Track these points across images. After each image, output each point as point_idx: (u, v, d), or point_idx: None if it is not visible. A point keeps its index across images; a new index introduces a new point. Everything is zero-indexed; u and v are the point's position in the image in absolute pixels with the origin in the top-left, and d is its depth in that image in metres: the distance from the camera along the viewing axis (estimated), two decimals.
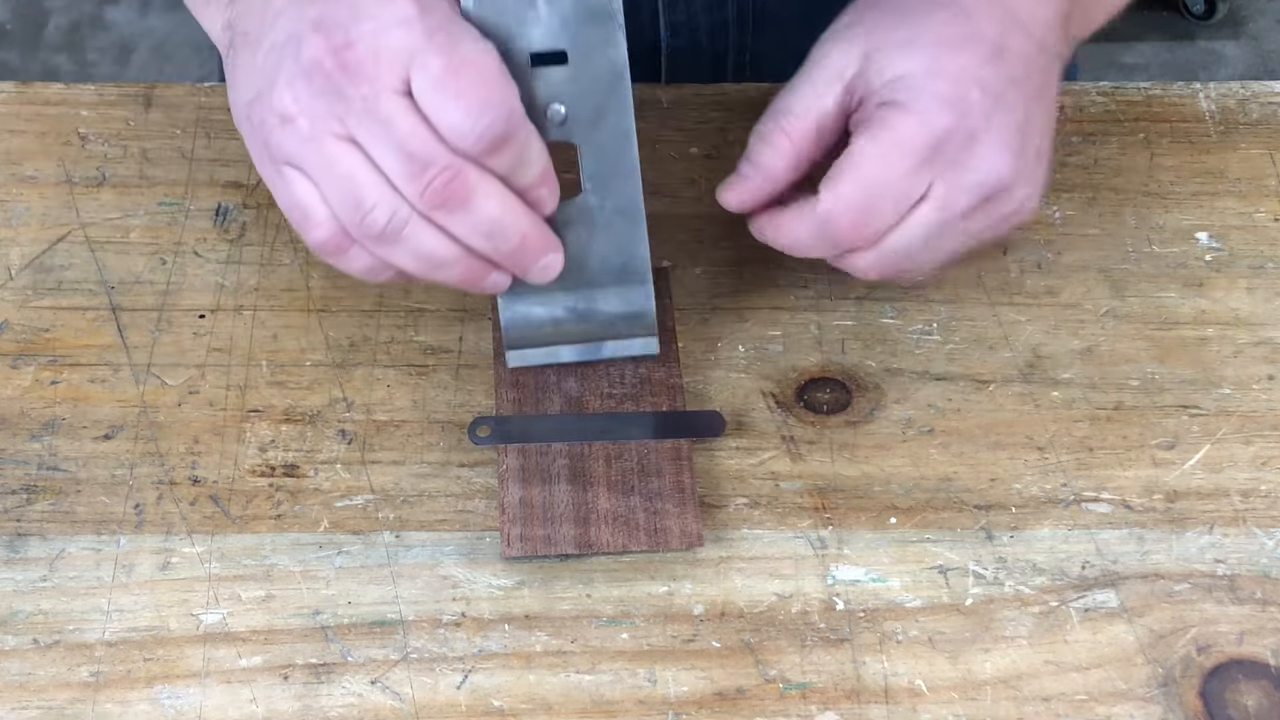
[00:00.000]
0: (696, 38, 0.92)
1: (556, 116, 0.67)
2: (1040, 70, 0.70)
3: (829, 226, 0.68)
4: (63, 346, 0.75)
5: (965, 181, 0.68)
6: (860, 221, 0.68)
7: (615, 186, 0.69)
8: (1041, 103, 0.70)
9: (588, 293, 0.71)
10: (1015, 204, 0.69)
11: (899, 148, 0.68)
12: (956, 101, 0.68)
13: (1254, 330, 0.76)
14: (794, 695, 0.65)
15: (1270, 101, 0.85)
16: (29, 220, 0.79)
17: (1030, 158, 0.69)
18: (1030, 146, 0.69)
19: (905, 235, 0.68)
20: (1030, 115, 0.69)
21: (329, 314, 0.76)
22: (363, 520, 0.70)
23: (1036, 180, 0.70)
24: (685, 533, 0.69)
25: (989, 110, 0.68)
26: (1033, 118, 0.69)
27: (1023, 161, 0.69)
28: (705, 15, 0.91)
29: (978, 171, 0.68)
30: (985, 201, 0.68)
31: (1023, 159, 0.69)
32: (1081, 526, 0.70)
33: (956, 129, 0.68)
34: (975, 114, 0.68)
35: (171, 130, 0.82)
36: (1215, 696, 0.65)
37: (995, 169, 0.68)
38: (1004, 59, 0.69)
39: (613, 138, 0.68)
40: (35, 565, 0.68)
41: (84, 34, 2.24)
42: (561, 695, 0.65)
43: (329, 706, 0.65)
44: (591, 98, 0.67)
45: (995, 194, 0.68)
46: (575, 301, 0.72)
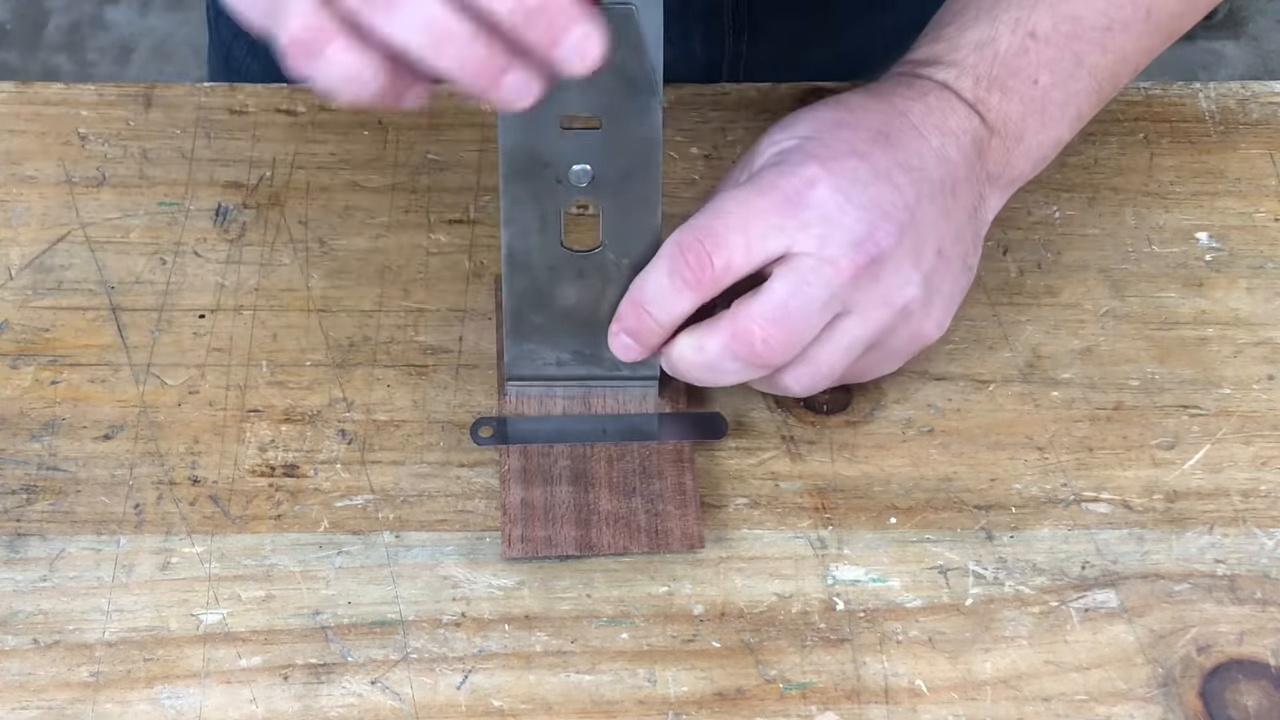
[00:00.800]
0: (690, 46, 0.91)
1: (583, 177, 0.66)
2: (944, 170, 0.69)
3: (674, 256, 0.66)
4: (63, 346, 0.75)
5: (837, 236, 0.66)
6: (706, 249, 0.66)
7: (633, 245, 0.68)
8: (944, 202, 0.68)
9: (594, 337, 0.71)
10: (908, 300, 0.67)
11: (759, 189, 0.67)
12: (829, 161, 0.67)
13: (1254, 330, 0.76)
14: (794, 695, 0.65)
15: (1270, 101, 0.85)
16: (29, 220, 0.79)
17: (923, 252, 0.67)
18: (922, 238, 0.67)
19: (783, 289, 0.66)
20: (924, 207, 0.68)
21: (329, 314, 0.76)
22: (363, 520, 0.70)
23: (939, 285, 0.68)
24: (686, 534, 0.69)
25: (869, 179, 0.67)
26: (928, 212, 0.68)
27: (909, 246, 0.67)
28: (700, 25, 0.91)
29: (852, 229, 0.66)
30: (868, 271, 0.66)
31: (907, 242, 0.67)
32: (1081, 526, 0.70)
33: (822, 182, 0.66)
34: (853, 178, 0.67)
35: (171, 130, 0.82)
36: (1215, 696, 0.65)
37: (873, 234, 0.66)
38: (891, 144, 0.68)
39: (637, 202, 0.67)
40: (35, 565, 0.68)
41: (84, 34, 2.24)
42: (561, 695, 0.65)
43: (329, 707, 0.65)
44: (620, 163, 0.66)
45: (876, 264, 0.66)
46: (581, 345, 0.71)
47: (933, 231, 0.68)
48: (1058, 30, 0.71)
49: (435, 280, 0.77)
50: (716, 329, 0.67)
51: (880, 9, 0.95)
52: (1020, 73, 0.71)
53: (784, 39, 0.93)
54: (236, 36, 1.00)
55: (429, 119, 0.83)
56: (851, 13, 0.94)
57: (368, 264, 0.78)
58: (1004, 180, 0.72)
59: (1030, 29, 0.71)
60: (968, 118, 0.71)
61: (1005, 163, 0.72)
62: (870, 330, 0.67)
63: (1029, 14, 0.71)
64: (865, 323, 0.67)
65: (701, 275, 0.66)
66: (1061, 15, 0.71)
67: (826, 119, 0.69)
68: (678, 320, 0.68)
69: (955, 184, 0.69)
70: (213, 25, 1.05)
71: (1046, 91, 0.72)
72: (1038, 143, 0.72)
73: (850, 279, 0.66)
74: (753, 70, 0.93)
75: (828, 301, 0.66)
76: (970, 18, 0.72)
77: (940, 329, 0.70)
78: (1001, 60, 0.71)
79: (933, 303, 0.69)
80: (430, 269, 0.78)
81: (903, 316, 0.68)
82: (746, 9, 0.91)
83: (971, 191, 0.70)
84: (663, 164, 0.67)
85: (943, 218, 0.68)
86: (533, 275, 0.69)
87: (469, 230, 0.79)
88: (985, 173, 0.71)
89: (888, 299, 0.67)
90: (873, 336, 0.68)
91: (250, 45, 0.99)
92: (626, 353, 0.70)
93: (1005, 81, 0.71)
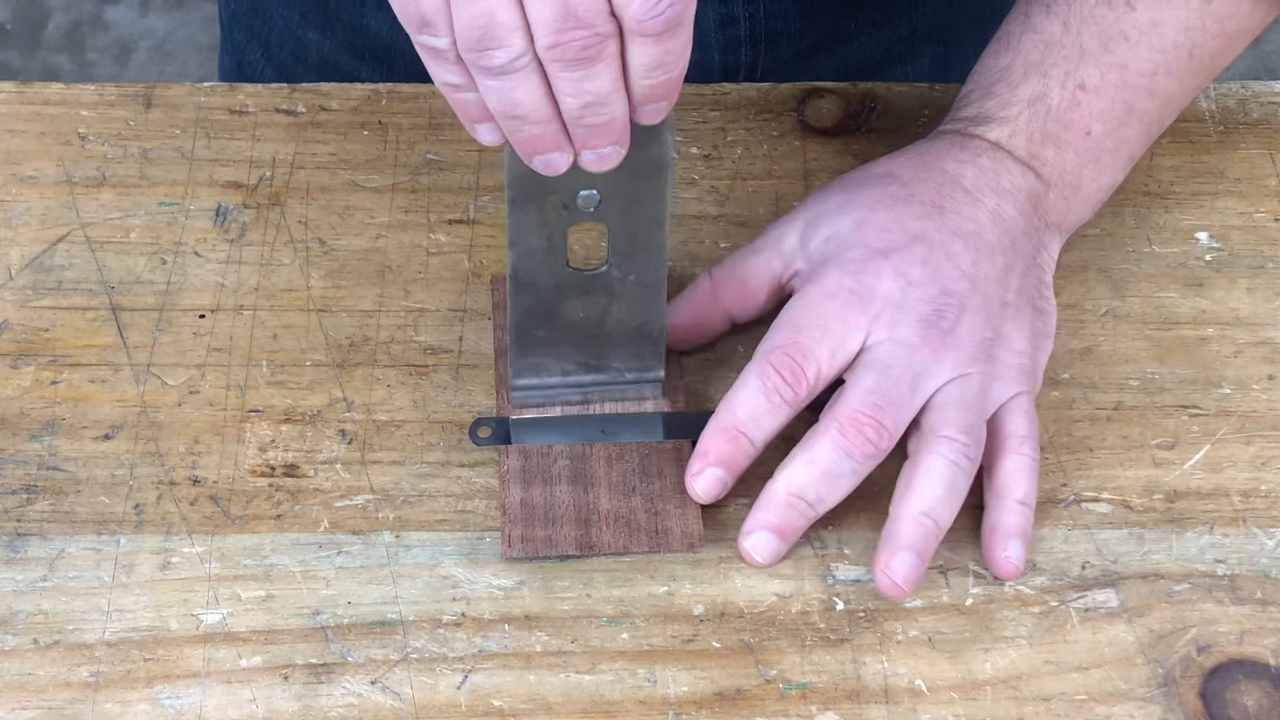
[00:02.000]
0: (708, 55, 0.92)
1: (589, 202, 0.66)
2: (1000, 230, 0.71)
3: (768, 373, 0.68)
4: (63, 346, 0.75)
5: (906, 319, 0.68)
6: (797, 364, 0.68)
7: (639, 263, 0.69)
8: (1004, 259, 0.70)
9: (600, 349, 0.71)
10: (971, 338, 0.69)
11: (828, 291, 0.69)
12: (887, 250, 0.69)
13: (1254, 330, 0.76)
14: (794, 695, 0.65)
15: (1270, 101, 0.85)
16: (29, 220, 0.79)
17: (990, 309, 0.69)
18: (988, 297, 0.69)
19: (869, 377, 0.68)
20: (983, 269, 0.69)
21: (329, 314, 0.76)
22: (363, 520, 0.70)
23: (1019, 334, 0.70)
24: (686, 534, 0.69)
25: (925, 257, 0.69)
26: (988, 273, 0.70)
27: (976, 307, 0.69)
28: (718, 33, 0.91)
29: (918, 308, 0.68)
30: (943, 343, 0.68)
31: (971, 306, 0.69)
32: (1081, 526, 0.70)
33: (884, 271, 0.69)
34: (911, 260, 0.69)
35: (171, 130, 0.82)
36: (1215, 696, 0.65)
37: (938, 310, 0.68)
38: (944, 214, 0.70)
39: (643, 223, 0.67)
40: (35, 565, 0.68)
41: (84, 34, 2.24)
42: (561, 695, 0.65)
43: (329, 707, 0.65)
44: (628, 187, 0.66)
45: (947, 335, 0.68)
46: (586, 357, 0.71)
47: (995, 289, 0.70)
48: (1106, 80, 0.73)
49: (435, 280, 0.77)
50: (819, 437, 0.68)
51: (896, 17, 0.95)
52: (1073, 126, 0.73)
53: (800, 47, 0.93)
54: (250, 41, 1.00)
55: (429, 119, 0.83)
56: (867, 21, 0.94)
57: (368, 264, 0.78)
58: (1065, 226, 0.75)
59: (1080, 81, 0.73)
60: (1021, 175, 0.73)
61: (1065, 210, 0.74)
62: (973, 385, 0.69)
63: (1077, 67, 0.73)
64: (965, 381, 0.69)
65: (798, 389, 0.68)
66: (1109, 65, 0.73)
67: (878, 196, 0.71)
68: (770, 438, 0.69)
69: (1014, 240, 0.71)
70: (226, 29, 1.04)
71: (1099, 141, 0.74)
72: (1095, 189, 0.75)
73: (929, 355, 0.68)
74: (769, 79, 0.93)
75: (914, 378, 0.68)
76: (1019, 74, 0.74)
77: (1036, 366, 0.71)
78: (1054, 115, 0.73)
79: (1009, 345, 0.70)
80: (430, 269, 0.78)
81: (989, 363, 0.69)
82: (763, 18, 0.91)
83: (1031, 243, 0.72)
84: (672, 184, 0.67)
85: (1004, 274, 0.71)
86: (538, 293, 0.69)
87: (469, 230, 0.79)
88: (1044, 223, 0.73)
89: (973, 356, 0.69)
90: (978, 389, 0.69)
91: (265, 50, 0.99)
92: (712, 486, 0.69)
93: (1059, 135, 0.73)
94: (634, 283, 0.69)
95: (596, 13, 0.58)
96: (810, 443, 0.68)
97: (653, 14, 0.58)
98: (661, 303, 0.70)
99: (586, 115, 0.61)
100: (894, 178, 0.72)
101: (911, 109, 0.84)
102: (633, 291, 0.69)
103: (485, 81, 0.60)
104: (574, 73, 0.59)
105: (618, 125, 0.62)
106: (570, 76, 0.60)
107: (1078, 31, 0.73)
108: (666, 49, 0.59)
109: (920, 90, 0.85)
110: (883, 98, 0.84)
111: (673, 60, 0.60)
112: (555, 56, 0.59)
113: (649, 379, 0.72)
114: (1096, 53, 0.73)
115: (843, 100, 0.84)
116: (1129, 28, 0.73)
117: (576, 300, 0.69)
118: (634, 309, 0.70)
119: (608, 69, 0.59)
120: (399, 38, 0.62)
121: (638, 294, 0.69)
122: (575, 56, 0.59)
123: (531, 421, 0.72)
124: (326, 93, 0.84)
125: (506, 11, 0.58)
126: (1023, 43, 0.75)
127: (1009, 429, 0.70)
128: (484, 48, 0.59)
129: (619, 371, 0.72)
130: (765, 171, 0.81)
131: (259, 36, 0.99)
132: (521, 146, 0.62)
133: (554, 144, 0.62)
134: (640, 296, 0.70)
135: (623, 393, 0.73)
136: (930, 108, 0.83)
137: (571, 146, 0.62)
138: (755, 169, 0.82)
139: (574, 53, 0.58)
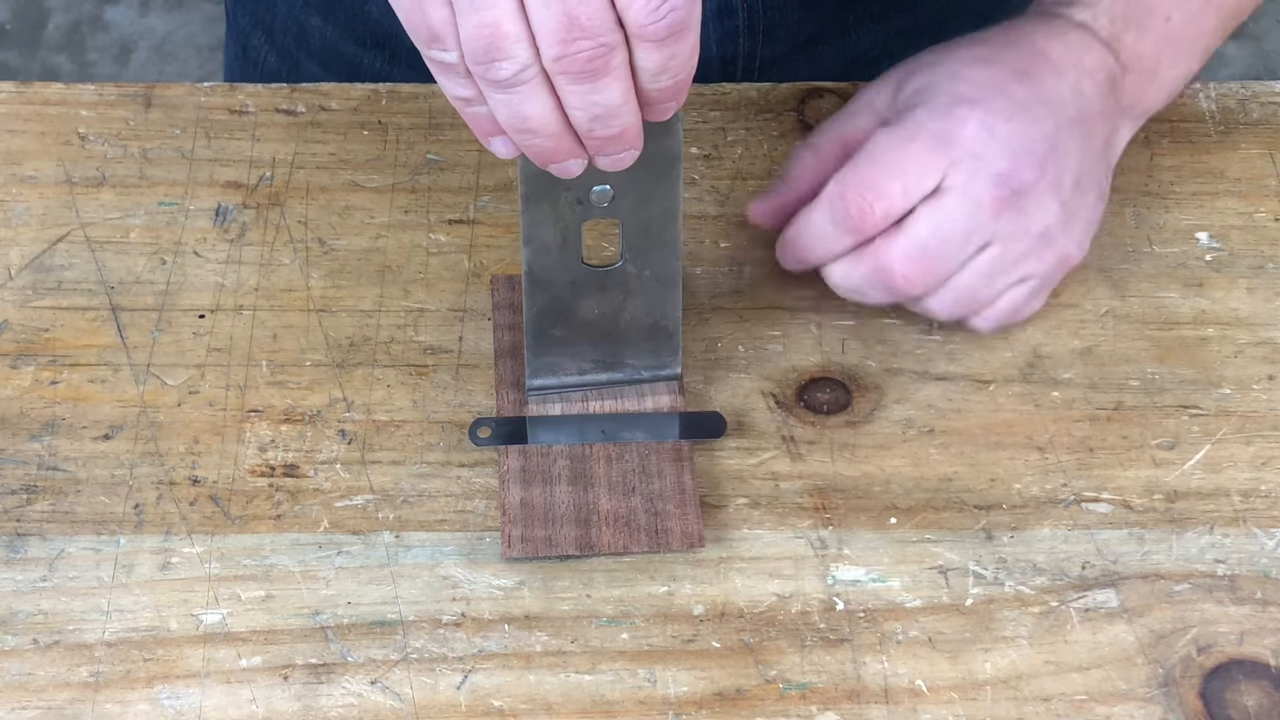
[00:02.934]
0: (706, 46, 0.91)
1: (604, 198, 0.66)
2: (1080, 105, 0.73)
3: (837, 203, 0.70)
4: (63, 346, 0.75)
5: (983, 171, 0.70)
6: (867, 200, 0.70)
7: (654, 257, 0.69)
8: (1081, 135, 0.72)
9: (615, 346, 0.71)
10: (1049, 226, 0.71)
11: (911, 131, 0.70)
12: (975, 99, 0.71)
13: (1254, 330, 0.76)
14: (794, 695, 0.65)
15: (1270, 101, 0.85)
16: (29, 220, 0.79)
17: (1063, 181, 0.71)
18: (1062, 168, 0.71)
19: (924, 229, 0.70)
20: (1063, 138, 0.71)
21: (329, 314, 0.76)
22: (363, 520, 0.70)
23: (1076, 211, 0.72)
24: (686, 534, 0.69)
25: (1011, 114, 0.71)
26: (1066, 143, 0.71)
27: (1050, 177, 0.70)
28: (715, 23, 0.91)
29: (996, 163, 0.69)
30: (1009, 203, 0.70)
31: (1049, 172, 0.70)
32: (1081, 526, 0.70)
33: (970, 120, 0.70)
34: (997, 113, 0.70)
35: (171, 130, 0.82)
36: (1215, 696, 0.65)
37: (1016, 167, 0.70)
38: (1031, 81, 0.72)
39: (657, 216, 0.67)
40: (35, 565, 0.68)
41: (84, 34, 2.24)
42: (561, 695, 0.65)
43: (329, 707, 0.65)
44: (641, 181, 0.66)
45: (1018, 195, 0.70)
46: (603, 354, 0.71)
47: (1070, 162, 0.72)
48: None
49: (435, 280, 0.77)
50: (863, 260, 0.71)
51: (896, 10, 0.95)
52: (1155, 11, 0.75)
53: (799, 38, 0.93)
54: (254, 27, 1.00)
55: (429, 119, 0.83)
56: (867, 13, 0.94)
57: (368, 264, 0.78)
58: (1138, 111, 0.77)
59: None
60: (1103, 56, 0.74)
61: (1140, 96, 0.76)
62: (1011, 256, 0.71)
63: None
64: (1007, 251, 0.71)
65: (864, 222, 0.70)
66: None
67: (970, 56, 0.73)
68: (835, 258, 0.72)
69: (1091, 119, 0.73)
70: (230, 15, 1.05)
71: (1178, 28, 0.76)
72: (1170, 77, 0.77)
73: (992, 213, 0.70)
74: (767, 69, 0.93)
75: (968, 236, 0.70)
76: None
77: (1082, 251, 0.74)
78: (1136, 0, 0.75)
79: (1072, 227, 0.72)
80: (430, 269, 0.78)
81: (1044, 243, 0.72)
82: (761, 10, 0.91)
83: (1106, 125, 0.74)
84: (683, 176, 0.67)
85: (1080, 150, 0.72)
86: (554, 291, 0.69)
87: (469, 230, 0.79)
88: (1119, 107, 0.75)
89: (1029, 228, 0.71)
90: (1014, 262, 0.71)
91: (268, 36, 0.99)
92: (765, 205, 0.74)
93: (1140, 20, 0.75)
94: (649, 278, 0.69)
95: (601, 21, 0.58)
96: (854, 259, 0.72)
97: (654, 19, 0.58)
98: (677, 298, 0.70)
99: (597, 128, 0.61)
100: (984, 43, 0.74)
101: None
102: (648, 286, 0.69)
103: (494, 95, 0.60)
104: (581, 85, 0.59)
105: (630, 134, 0.62)
106: (578, 89, 0.60)
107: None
108: (671, 53, 0.59)
109: None
110: None
111: (679, 64, 0.60)
112: (561, 69, 0.59)
113: (665, 375, 0.72)
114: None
115: (842, 100, 0.84)
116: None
117: (592, 297, 0.69)
118: (650, 304, 0.70)
119: (616, 81, 0.60)
120: (401, 25, 0.62)
121: (653, 289, 0.69)
122: (582, 69, 0.59)
123: (545, 420, 0.72)
124: (326, 93, 0.84)
125: (511, 22, 0.58)
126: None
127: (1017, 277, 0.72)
128: (490, 59, 0.59)
129: (635, 370, 0.72)
130: (765, 171, 0.81)
131: (263, 22, 0.99)
132: (535, 157, 0.62)
133: (568, 153, 0.62)
134: (656, 291, 0.70)
135: (639, 391, 0.73)
136: None
137: (585, 152, 0.63)
138: (755, 169, 0.82)
139: (580, 64, 0.58)
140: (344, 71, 0.95)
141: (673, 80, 0.61)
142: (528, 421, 0.72)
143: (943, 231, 0.70)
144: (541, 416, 0.72)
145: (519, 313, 0.74)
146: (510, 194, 0.80)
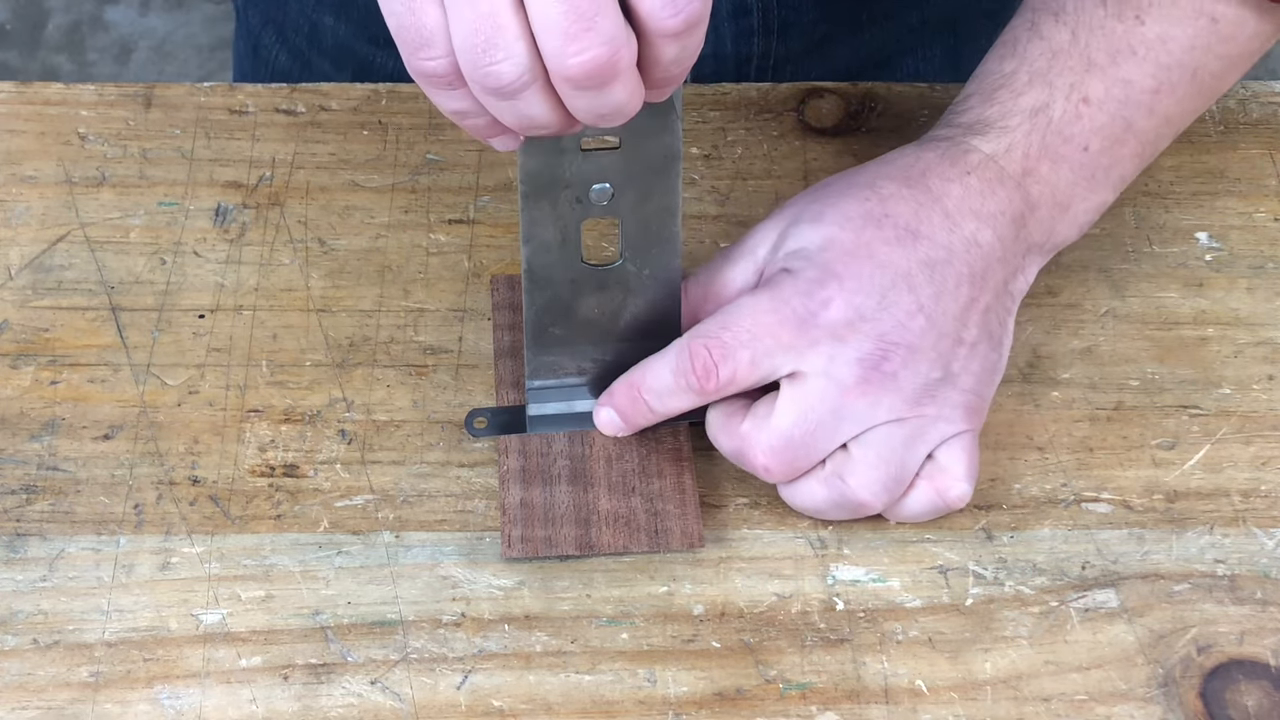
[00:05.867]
0: (721, 44, 0.92)
1: (603, 196, 0.66)
2: (972, 258, 0.69)
3: (683, 356, 0.67)
4: (63, 346, 0.75)
5: (843, 355, 0.66)
6: (713, 360, 0.67)
7: (654, 256, 0.68)
8: (970, 288, 0.68)
9: (616, 346, 0.71)
10: (931, 393, 0.67)
11: (774, 305, 0.67)
12: (844, 276, 0.67)
13: (1254, 330, 0.76)
14: (794, 695, 0.65)
15: (1270, 101, 0.85)
16: (29, 220, 0.79)
17: (947, 340, 0.67)
18: (941, 333, 0.67)
19: (787, 419, 0.66)
20: (944, 302, 0.67)
21: (329, 314, 0.76)
22: (363, 520, 0.70)
23: (960, 373, 0.67)
24: (686, 533, 0.69)
25: (883, 289, 0.67)
26: (947, 306, 0.68)
27: (933, 339, 0.67)
28: (730, 23, 0.91)
29: (860, 346, 0.66)
30: (877, 384, 0.66)
31: (931, 336, 0.67)
32: (1081, 526, 0.70)
33: (835, 301, 0.66)
34: (867, 292, 0.67)
35: (171, 130, 0.82)
36: (1215, 696, 0.65)
37: (880, 347, 0.66)
38: (916, 241, 0.68)
39: (656, 214, 0.67)
40: (35, 565, 0.68)
41: (84, 34, 2.24)
42: (561, 695, 0.65)
43: (329, 707, 0.65)
44: (640, 179, 0.66)
45: (885, 376, 0.66)
46: (603, 353, 0.71)
47: (953, 325, 0.68)
48: (1110, 95, 0.71)
49: (435, 280, 0.77)
50: (730, 435, 0.68)
51: (907, 8, 0.95)
52: (1072, 140, 0.71)
53: (813, 36, 0.93)
54: (265, 25, 1.00)
55: (429, 119, 0.83)
56: (879, 12, 0.94)
57: (368, 264, 0.78)
58: (1048, 247, 0.72)
59: (1084, 94, 0.71)
60: (1009, 197, 0.70)
61: (1050, 231, 0.72)
62: (905, 431, 0.67)
63: (1083, 78, 0.71)
64: (896, 428, 0.67)
65: (705, 384, 0.67)
66: (1114, 80, 0.71)
67: (855, 214, 0.69)
68: (673, 414, 0.69)
69: (987, 268, 0.69)
70: (241, 13, 1.05)
71: (1095, 157, 0.72)
72: (1084, 209, 0.72)
73: (860, 398, 0.66)
74: (781, 67, 0.93)
75: (836, 424, 0.66)
76: (1023, 82, 0.72)
77: (983, 402, 0.69)
78: (1055, 128, 0.71)
79: (959, 383, 0.68)
80: (430, 269, 0.78)
81: (933, 405, 0.67)
82: (775, 8, 0.91)
83: (1006, 268, 0.70)
84: (682, 175, 0.66)
85: (966, 308, 0.68)
86: (554, 290, 0.69)
87: (469, 230, 0.79)
88: (1026, 246, 0.71)
89: (913, 400, 0.67)
90: (905, 441, 0.67)
91: (280, 34, 0.99)
92: (608, 427, 0.71)
93: (1057, 150, 0.71)
94: (649, 276, 0.69)
95: (610, 17, 0.55)
96: (722, 430, 0.69)
97: (672, 12, 0.55)
98: (677, 297, 0.70)
99: (601, 122, 0.59)
100: (874, 192, 0.70)
101: (911, 109, 0.84)
102: (648, 285, 0.69)
103: (492, 102, 0.57)
104: (587, 91, 0.57)
105: (630, 113, 0.59)
106: (583, 94, 0.57)
107: (1086, 42, 0.71)
108: (684, 45, 0.57)
109: (920, 90, 0.85)
110: (882, 98, 0.84)
111: (689, 55, 0.58)
112: (568, 73, 0.56)
113: None
114: (1103, 65, 0.71)
115: (842, 100, 0.84)
116: (1137, 42, 0.71)
117: (592, 296, 0.69)
118: (649, 303, 0.70)
119: (624, 84, 0.57)
120: None
121: (653, 288, 0.69)
122: (590, 73, 0.56)
123: (545, 419, 0.72)
124: (326, 93, 0.84)
125: (510, 16, 0.55)
126: (1029, 49, 0.72)
127: (943, 465, 0.68)
128: (489, 62, 0.56)
129: None
130: (765, 171, 0.81)
131: (274, 21, 0.99)
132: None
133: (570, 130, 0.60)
134: (655, 290, 0.70)
135: None
136: (930, 108, 0.83)
137: None
138: (755, 169, 0.82)
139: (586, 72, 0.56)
140: (356, 70, 0.95)
141: (682, 69, 0.58)
142: (527, 417, 0.72)
143: (807, 420, 0.66)
144: (540, 416, 0.72)
145: (519, 313, 0.74)
146: (510, 194, 0.80)
